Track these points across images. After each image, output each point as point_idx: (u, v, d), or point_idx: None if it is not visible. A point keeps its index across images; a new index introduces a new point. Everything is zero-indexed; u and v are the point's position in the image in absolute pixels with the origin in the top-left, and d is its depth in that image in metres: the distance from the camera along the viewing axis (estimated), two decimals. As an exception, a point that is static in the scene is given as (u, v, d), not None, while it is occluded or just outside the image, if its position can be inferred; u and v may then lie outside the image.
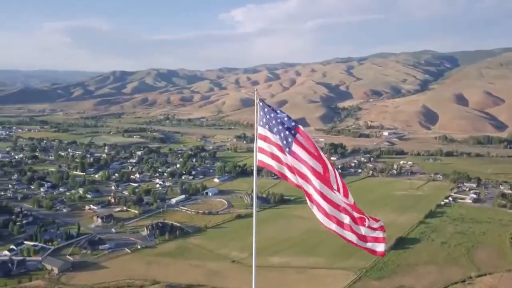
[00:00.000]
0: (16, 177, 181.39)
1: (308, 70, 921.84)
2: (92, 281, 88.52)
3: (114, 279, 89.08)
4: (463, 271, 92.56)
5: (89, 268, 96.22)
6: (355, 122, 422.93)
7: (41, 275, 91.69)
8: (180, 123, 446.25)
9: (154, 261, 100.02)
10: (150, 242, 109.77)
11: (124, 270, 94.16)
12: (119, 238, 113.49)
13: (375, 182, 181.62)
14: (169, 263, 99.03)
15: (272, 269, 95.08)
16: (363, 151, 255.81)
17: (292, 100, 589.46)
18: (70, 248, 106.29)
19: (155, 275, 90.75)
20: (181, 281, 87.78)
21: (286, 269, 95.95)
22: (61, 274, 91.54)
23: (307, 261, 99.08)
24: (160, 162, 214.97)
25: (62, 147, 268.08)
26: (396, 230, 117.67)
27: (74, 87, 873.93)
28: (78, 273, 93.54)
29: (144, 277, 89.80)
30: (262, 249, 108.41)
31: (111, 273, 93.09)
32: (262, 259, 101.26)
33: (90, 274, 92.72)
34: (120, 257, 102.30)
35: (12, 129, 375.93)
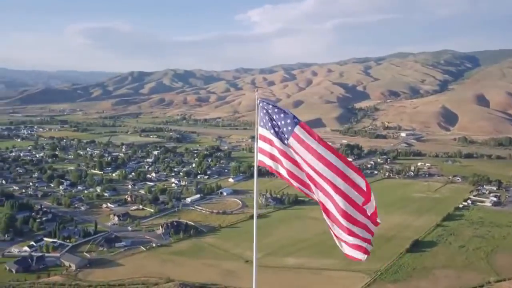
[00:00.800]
0: (37, 175, 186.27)
1: (324, 70, 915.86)
2: (108, 278, 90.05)
3: (129, 277, 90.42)
4: (482, 276, 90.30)
5: (106, 265, 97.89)
6: (372, 123, 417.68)
7: (59, 271, 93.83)
8: (196, 123, 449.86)
9: (168, 260, 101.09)
10: (165, 241, 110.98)
11: (139, 268, 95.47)
12: (135, 236, 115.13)
13: (392, 184, 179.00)
14: (184, 262, 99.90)
15: (287, 270, 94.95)
16: (380, 152, 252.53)
17: (308, 100, 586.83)
18: (87, 245, 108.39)
19: (169, 273, 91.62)
20: (195, 280, 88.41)
21: (301, 270, 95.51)
22: (79, 271, 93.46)
23: (322, 262, 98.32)
24: (176, 162, 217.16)
25: (81, 146, 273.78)
26: (413, 233, 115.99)
27: (93, 87, 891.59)
28: (94, 270, 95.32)
29: (159, 275, 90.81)
30: (277, 249, 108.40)
31: (127, 270, 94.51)
32: (277, 259, 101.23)
33: (106, 271, 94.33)
34: (136, 255, 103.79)
35: (34, 128, 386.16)
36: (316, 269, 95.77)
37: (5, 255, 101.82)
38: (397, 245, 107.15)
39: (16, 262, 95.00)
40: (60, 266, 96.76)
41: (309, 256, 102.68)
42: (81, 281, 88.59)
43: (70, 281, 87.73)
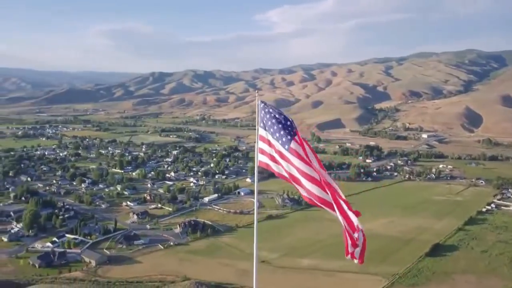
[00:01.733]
0: (60, 173, 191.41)
1: (344, 70, 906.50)
2: (126, 275, 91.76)
3: (147, 274, 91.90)
4: (505, 283, 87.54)
5: (124, 262, 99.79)
6: (393, 124, 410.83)
7: (79, 267, 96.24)
8: (215, 123, 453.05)
9: (185, 258, 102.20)
10: (183, 240, 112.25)
11: (157, 266, 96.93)
12: (153, 234, 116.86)
13: (412, 186, 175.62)
14: (200, 261, 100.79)
15: (302, 271, 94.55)
16: (400, 153, 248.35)
17: (327, 100, 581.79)
18: (107, 242, 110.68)
19: (186, 271, 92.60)
20: (211, 279, 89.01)
21: (316, 271, 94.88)
22: (98, 267, 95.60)
23: (337, 264, 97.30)
24: (194, 162, 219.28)
25: (102, 146, 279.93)
26: (433, 237, 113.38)
27: (115, 87, 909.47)
28: (113, 266, 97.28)
29: (176, 273, 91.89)
30: (292, 250, 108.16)
31: (145, 268, 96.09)
32: (291, 260, 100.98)
33: (125, 268, 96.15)
34: (154, 252, 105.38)
35: (58, 128, 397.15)
36: (332, 271, 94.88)
37: (29, 250, 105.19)
38: (416, 248, 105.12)
39: (39, 257, 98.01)
40: (81, 262, 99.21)
41: (324, 257, 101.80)
42: (100, 277, 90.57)
43: (90, 277, 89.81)
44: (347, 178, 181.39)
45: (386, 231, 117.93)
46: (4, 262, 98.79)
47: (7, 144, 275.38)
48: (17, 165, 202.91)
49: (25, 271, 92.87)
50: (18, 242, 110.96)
